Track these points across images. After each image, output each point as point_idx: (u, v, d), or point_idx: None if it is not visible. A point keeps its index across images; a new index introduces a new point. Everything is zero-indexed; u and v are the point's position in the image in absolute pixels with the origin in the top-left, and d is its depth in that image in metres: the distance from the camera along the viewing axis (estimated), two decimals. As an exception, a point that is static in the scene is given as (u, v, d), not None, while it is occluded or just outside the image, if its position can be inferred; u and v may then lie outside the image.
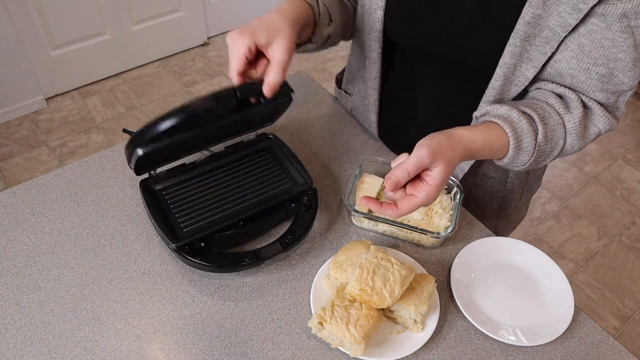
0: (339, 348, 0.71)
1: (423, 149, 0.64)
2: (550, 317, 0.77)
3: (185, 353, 0.72)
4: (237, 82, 0.72)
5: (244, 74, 0.73)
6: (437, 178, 0.65)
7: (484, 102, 0.82)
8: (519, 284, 0.82)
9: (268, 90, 0.72)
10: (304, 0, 0.82)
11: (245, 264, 0.78)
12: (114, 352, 0.72)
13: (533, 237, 2.10)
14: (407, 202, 0.66)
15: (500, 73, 0.77)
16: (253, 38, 0.71)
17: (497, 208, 1.03)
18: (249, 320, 0.76)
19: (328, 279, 0.78)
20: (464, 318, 0.77)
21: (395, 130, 1.01)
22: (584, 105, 0.75)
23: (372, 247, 0.76)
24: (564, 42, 0.73)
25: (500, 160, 0.75)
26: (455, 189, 0.88)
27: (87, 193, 0.92)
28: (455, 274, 0.81)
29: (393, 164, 0.67)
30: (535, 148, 0.72)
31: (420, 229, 0.82)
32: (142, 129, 0.72)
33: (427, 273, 0.79)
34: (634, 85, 0.73)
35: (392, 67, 0.93)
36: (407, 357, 0.72)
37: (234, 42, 0.71)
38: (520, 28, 0.72)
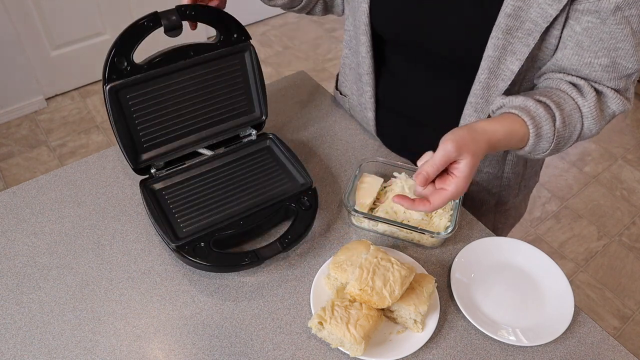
0: (339, 348, 0.71)
1: (449, 143, 0.66)
2: (550, 317, 0.77)
3: (185, 353, 0.72)
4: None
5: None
6: (464, 170, 0.67)
7: (472, 96, 0.83)
8: (519, 284, 0.82)
9: None
10: None
11: (245, 264, 0.78)
12: (114, 352, 0.72)
13: (533, 237, 2.10)
14: (437, 196, 0.68)
15: (485, 66, 0.78)
16: None
17: (494, 204, 1.03)
18: (249, 320, 0.76)
19: (328, 279, 0.78)
20: (464, 318, 0.77)
21: (393, 127, 1.01)
22: (595, 90, 0.76)
23: (372, 247, 0.76)
24: (562, 40, 0.74)
25: (522, 150, 0.76)
26: (455, 189, 0.88)
27: (87, 193, 0.92)
28: (455, 274, 0.81)
29: (419, 163, 0.69)
30: (555, 134, 0.73)
31: (420, 229, 0.82)
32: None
33: (427, 273, 0.79)
34: (639, 68, 0.74)
35: (383, 62, 0.94)
36: (407, 357, 0.72)
37: None
38: (502, 21, 0.72)
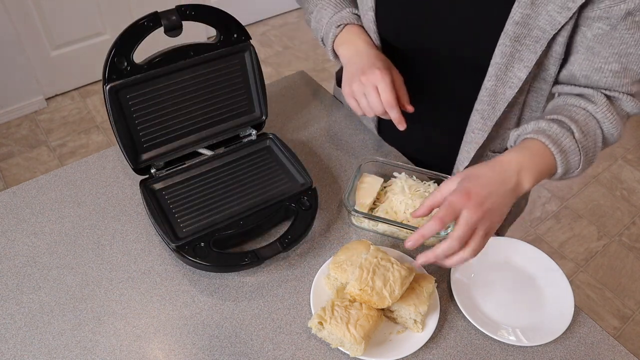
0: (339, 348, 0.71)
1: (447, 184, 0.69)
2: (550, 317, 0.77)
3: (185, 353, 0.72)
4: None
5: None
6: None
7: (479, 103, 0.82)
8: (519, 284, 0.82)
9: None
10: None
11: (245, 264, 0.78)
12: (114, 352, 0.72)
13: (533, 237, 2.10)
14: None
15: (492, 73, 0.77)
16: None
17: None
18: (249, 320, 0.76)
19: (328, 279, 0.78)
20: (464, 318, 0.77)
21: (395, 128, 1.01)
22: (605, 95, 0.75)
23: (372, 247, 0.76)
24: (574, 46, 0.74)
25: (557, 173, 0.73)
26: (455, 189, 0.88)
27: (87, 193, 0.92)
28: (455, 274, 0.81)
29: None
30: (579, 145, 0.72)
31: (420, 229, 0.82)
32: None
33: (427, 273, 0.79)
34: None
35: (396, 66, 0.94)
36: (407, 357, 0.72)
37: None
38: (510, 28, 0.72)
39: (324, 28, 0.90)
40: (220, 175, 0.91)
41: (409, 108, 0.84)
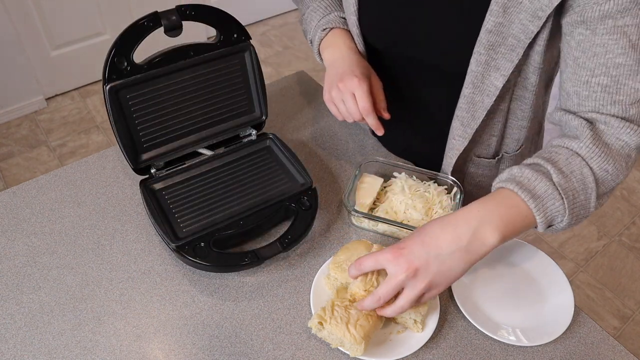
0: (339, 348, 0.71)
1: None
2: (550, 317, 0.77)
3: (185, 353, 0.72)
4: None
5: None
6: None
7: (459, 109, 0.83)
8: (519, 284, 0.82)
9: None
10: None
11: (245, 264, 0.78)
12: (114, 352, 0.72)
13: (533, 237, 2.09)
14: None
15: (469, 80, 0.77)
16: None
17: None
18: (249, 320, 0.76)
19: (328, 279, 0.78)
20: (464, 318, 0.77)
21: (388, 131, 1.02)
22: (595, 123, 0.68)
23: (374, 246, 0.76)
24: (563, 60, 0.71)
25: (537, 221, 0.66)
26: (455, 189, 0.88)
27: (87, 193, 0.92)
28: (455, 274, 0.80)
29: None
30: (558, 189, 0.64)
31: (420, 229, 0.82)
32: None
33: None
34: None
35: (378, 70, 0.94)
36: (407, 357, 0.72)
37: None
38: (483, 36, 0.72)
39: (312, 30, 0.92)
40: (220, 175, 0.91)
41: (386, 115, 0.85)
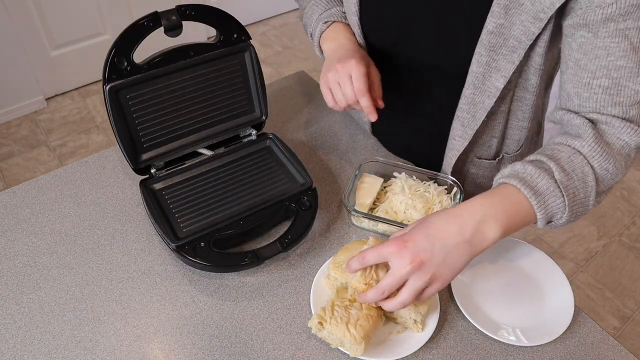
0: (339, 348, 0.71)
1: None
2: (550, 317, 0.77)
3: (185, 353, 0.72)
4: None
5: None
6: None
7: (459, 110, 0.83)
8: (519, 284, 0.82)
9: None
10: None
11: (245, 264, 0.78)
12: (114, 352, 0.72)
13: (533, 237, 2.09)
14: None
15: (470, 81, 0.77)
16: None
17: None
18: (249, 320, 0.76)
19: (328, 279, 0.78)
20: (464, 318, 0.77)
21: (388, 130, 1.02)
22: (596, 123, 0.69)
23: (371, 238, 0.75)
24: (564, 61, 0.72)
25: (538, 218, 0.66)
26: (455, 189, 0.88)
27: (87, 193, 0.92)
28: (455, 274, 0.81)
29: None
30: (560, 186, 0.65)
31: (420, 229, 0.82)
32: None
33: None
34: None
35: (379, 69, 0.94)
36: (407, 357, 0.72)
37: None
38: (485, 38, 0.72)
39: (313, 23, 0.92)
40: (220, 175, 0.91)
41: (380, 103, 0.84)
